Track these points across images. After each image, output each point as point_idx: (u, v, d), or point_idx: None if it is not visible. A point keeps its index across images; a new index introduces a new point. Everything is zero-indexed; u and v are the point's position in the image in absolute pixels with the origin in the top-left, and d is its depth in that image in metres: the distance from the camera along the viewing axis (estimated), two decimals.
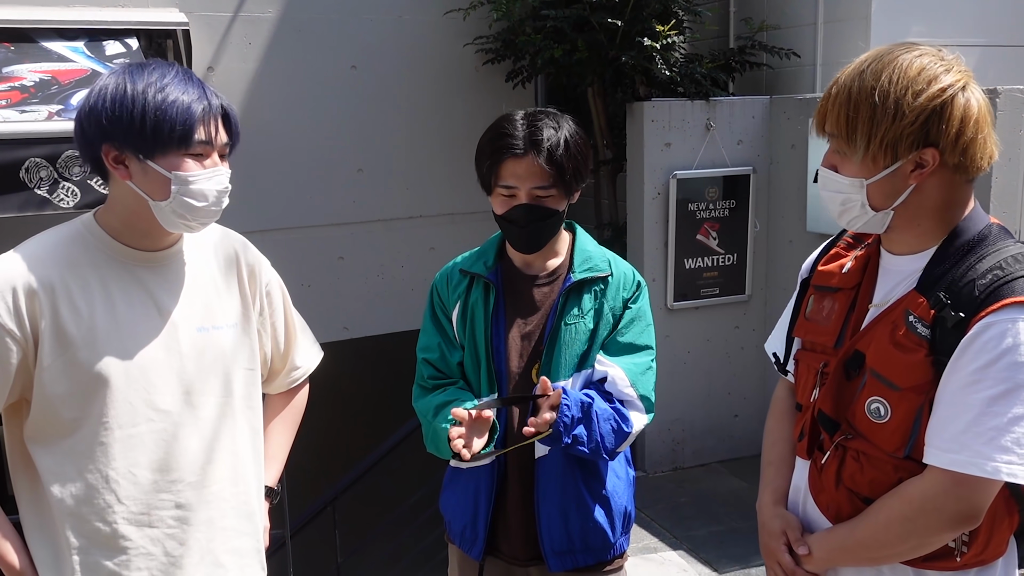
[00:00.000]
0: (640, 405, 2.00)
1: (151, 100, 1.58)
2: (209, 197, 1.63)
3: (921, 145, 1.44)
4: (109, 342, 1.63)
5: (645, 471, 5.15)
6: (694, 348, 5.14)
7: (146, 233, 1.68)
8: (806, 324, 1.72)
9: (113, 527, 1.65)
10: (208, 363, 1.73)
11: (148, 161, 1.60)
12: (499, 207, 2.02)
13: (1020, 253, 1.46)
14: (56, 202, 3.43)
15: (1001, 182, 4.14)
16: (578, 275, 2.04)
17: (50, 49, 4.39)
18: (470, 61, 5.65)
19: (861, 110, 1.46)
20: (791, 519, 1.70)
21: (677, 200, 4.91)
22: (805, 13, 5.28)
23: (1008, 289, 1.40)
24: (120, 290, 1.66)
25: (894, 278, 1.57)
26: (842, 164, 1.53)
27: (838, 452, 1.59)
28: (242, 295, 1.83)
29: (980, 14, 5.17)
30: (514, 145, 1.95)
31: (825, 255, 1.76)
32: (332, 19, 5.40)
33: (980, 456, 1.39)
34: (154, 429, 1.66)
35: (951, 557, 1.52)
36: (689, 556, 4.20)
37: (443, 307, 2.12)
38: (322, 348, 2.11)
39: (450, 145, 5.69)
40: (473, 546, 2.09)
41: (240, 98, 5.25)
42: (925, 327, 1.46)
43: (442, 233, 5.90)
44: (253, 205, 5.33)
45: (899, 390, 1.49)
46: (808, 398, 1.68)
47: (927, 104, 1.43)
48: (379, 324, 5.84)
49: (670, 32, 4.68)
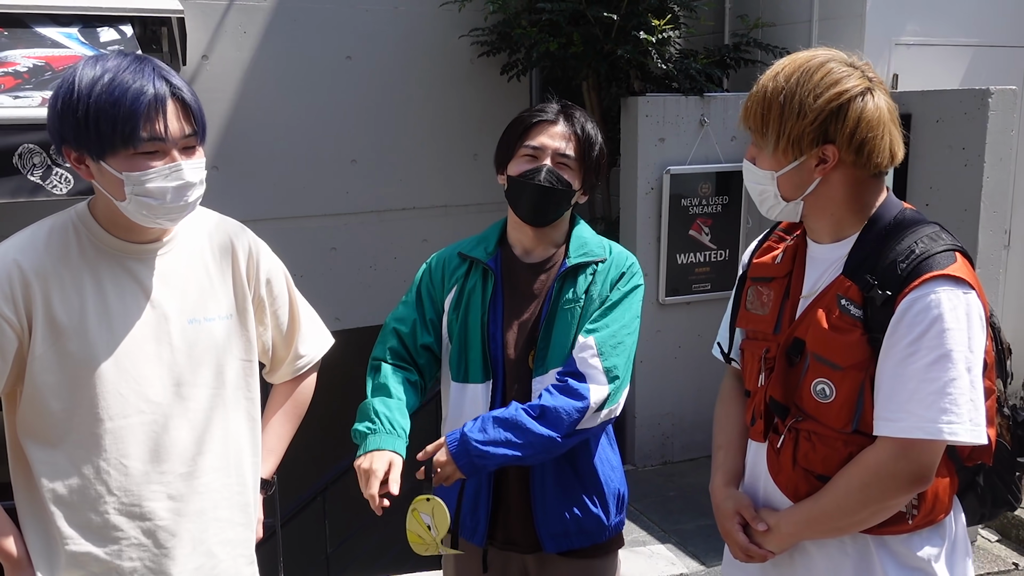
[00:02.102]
0: (602, 378, 1.95)
1: (94, 99, 1.52)
2: (167, 195, 1.57)
3: (821, 142, 1.59)
4: (99, 333, 1.62)
5: (634, 465, 5.18)
6: (685, 343, 5.16)
7: (129, 227, 1.66)
8: (747, 315, 1.84)
9: (104, 517, 1.65)
10: (199, 354, 1.72)
11: (101, 162, 1.56)
12: (517, 168, 2.05)
13: (933, 232, 1.61)
14: (49, 188, 3.42)
15: (992, 181, 4.16)
16: (574, 260, 2.06)
17: (44, 35, 4.37)
18: (465, 53, 5.65)
19: (772, 109, 1.62)
20: (743, 499, 1.80)
21: (670, 195, 4.92)
22: (800, 10, 5.29)
23: (926, 265, 1.54)
24: (111, 281, 1.65)
25: (820, 266, 1.70)
26: (759, 158, 1.69)
27: (791, 435, 1.69)
28: (237, 285, 1.80)
29: (974, 14, 5.19)
30: (548, 112, 2.07)
31: (759, 249, 1.88)
32: (327, 8, 5.39)
33: (924, 420, 1.51)
34: (144, 420, 1.66)
35: (904, 521, 1.63)
36: (677, 549, 4.23)
37: (432, 289, 2.12)
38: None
39: (444, 137, 5.70)
40: (474, 534, 2.11)
41: (234, 87, 5.23)
42: (857, 308, 1.59)
43: (435, 225, 5.90)
44: (246, 195, 5.32)
45: (841, 369, 1.60)
46: (755, 384, 1.78)
47: (825, 105, 1.57)
48: (371, 315, 5.84)
49: (666, 27, 4.69)
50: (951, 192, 4.31)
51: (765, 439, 1.77)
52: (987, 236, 4.24)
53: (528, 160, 2.04)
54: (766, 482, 1.76)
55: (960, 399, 1.50)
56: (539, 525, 2.05)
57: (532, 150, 2.04)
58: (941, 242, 1.58)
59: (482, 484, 2.08)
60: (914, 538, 1.65)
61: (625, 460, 5.24)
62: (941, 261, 1.54)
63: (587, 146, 2.06)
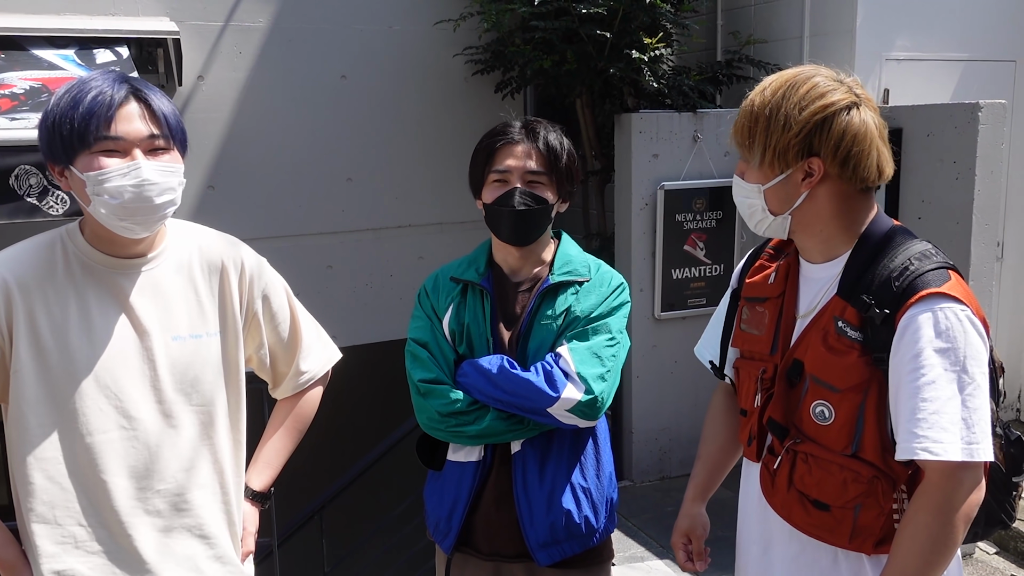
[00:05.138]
0: (579, 383, 1.96)
1: (60, 108, 1.56)
2: (124, 194, 1.56)
3: (806, 155, 1.60)
4: (81, 348, 1.62)
5: (632, 480, 5.17)
6: (681, 358, 5.16)
7: (111, 240, 1.66)
8: (742, 335, 1.83)
9: (88, 532, 1.65)
10: (184, 371, 1.71)
11: (70, 167, 1.59)
12: (491, 195, 2.06)
13: (926, 250, 1.61)
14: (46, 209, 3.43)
15: (984, 194, 4.19)
16: (556, 278, 2.07)
17: (40, 57, 4.39)
18: (460, 71, 5.68)
19: (759, 122, 1.64)
20: (699, 523, 1.93)
21: (664, 211, 4.95)
22: (791, 27, 5.33)
23: (921, 282, 1.54)
24: (95, 298, 1.65)
25: (814, 286, 1.71)
26: (747, 172, 1.70)
27: (789, 456, 1.69)
28: (227, 302, 1.79)
29: (963, 29, 5.24)
30: (510, 133, 2.07)
31: (750, 267, 1.88)
32: (322, 29, 5.42)
33: (913, 439, 1.50)
34: (126, 436, 1.65)
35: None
36: (675, 565, 4.21)
37: (435, 312, 2.13)
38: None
39: (439, 155, 5.72)
40: (445, 539, 2.11)
41: (230, 107, 5.25)
42: (854, 330, 1.59)
43: (431, 242, 5.91)
44: (242, 214, 5.33)
45: (839, 392, 1.60)
46: (752, 403, 1.77)
47: (810, 118, 1.59)
48: (368, 333, 5.84)
49: (658, 45, 4.72)
50: (943, 205, 4.33)
51: (759, 459, 1.76)
52: (979, 248, 4.26)
53: (499, 185, 2.05)
54: (760, 502, 1.76)
55: (950, 418, 1.48)
56: (528, 538, 2.04)
57: (500, 174, 2.05)
58: (933, 260, 1.58)
59: (463, 486, 2.08)
60: None
61: (623, 476, 5.24)
62: (936, 279, 1.54)
63: (553, 157, 2.05)
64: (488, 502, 2.08)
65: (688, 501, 1.91)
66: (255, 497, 1.93)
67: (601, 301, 2.06)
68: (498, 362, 2.00)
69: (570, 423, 1.99)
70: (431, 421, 2.05)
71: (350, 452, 6.14)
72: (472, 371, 2.02)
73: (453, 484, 2.10)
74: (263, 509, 1.96)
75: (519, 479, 2.04)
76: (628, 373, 5.09)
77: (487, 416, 2.00)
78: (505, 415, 2.00)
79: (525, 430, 2.02)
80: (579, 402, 1.96)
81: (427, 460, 2.15)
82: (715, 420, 1.99)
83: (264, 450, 1.95)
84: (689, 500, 1.91)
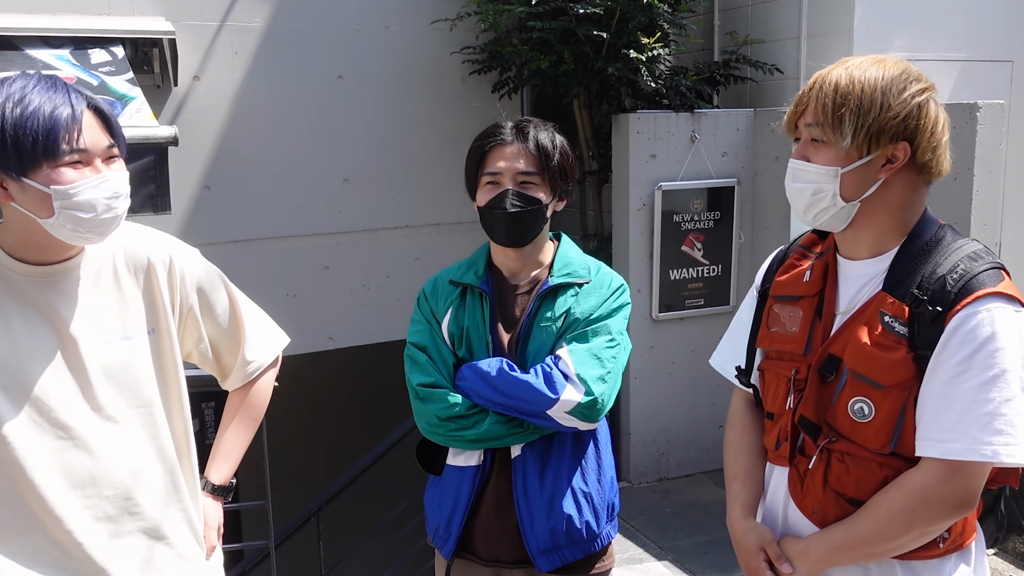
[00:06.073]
0: (579, 384, 1.96)
1: (9, 116, 1.50)
2: (98, 207, 1.54)
3: (899, 138, 1.54)
4: (6, 363, 1.59)
5: (630, 482, 5.16)
6: (679, 359, 5.16)
7: (44, 248, 1.62)
8: (770, 334, 1.76)
9: (37, 545, 1.62)
10: (119, 374, 1.68)
11: (23, 179, 1.52)
12: (484, 198, 2.05)
13: (979, 250, 1.57)
14: None
15: (983, 195, 4.19)
16: (555, 280, 2.06)
17: (35, 57, 4.37)
18: (457, 71, 5.67)
19: (849, 100, 1.54)
20: (765, 533, 1.71)
21: (662, 211, 4.94)
22: (789, 27, 5.33)
23: (977, 282, 1.50)
24: (18, 309, 1.61)
25: (855, 283, 1.64)
26: (817, 154, 1.59)
27: (823, 456, 1.63)
28: (155, 300, 1.75)
29: (961, 29, 5.23)
30: (501, 134, 2.06)
31: (779, 266, 1.81)
32: (319, 29, 5.41)
33: (977, 442, 1.46)
34: (64, 446, 1.62)
35: (935, 545, 1.58)
36: (674, 566, 4.20)
37: (434, 316, 2.13)
38: (306, 358, 2.08)
39: (436, 155, 5.70)
40: (445, 544, 2.10)
41: (226, 107, 5.24)
42: (902, 325, 1.54)
43: (428, 243, 5.90)
44: (238, 215, 5.32)
45: (883, 388, 1.54)
46: (782, 406, 1.71)
47: (910, 100, 1.54)
48: (364, 334, 5.83)
49: (655, 45, 4.72)
50: (941, 205, 4.32)
51: (791, 463, 1.69)
52: None
53: (491, 188, 2.05)
54: (788, 508, 1.70)
55: (1016, 420, 1.45)
56: (528, 543, 2.03)
57: (492, 176, 2.05)
58: (985, 260, 1.54)
59: (463, 491, 2.07)
60: (943, 563, 1.60)
61: (621, 477, 5.23)
62: (990, 279, 1.51)
63: (544, 156, 2.04)
64: (488, 507, 2.07)
65: (739, 520, 1.77)
66: (215, 491, 1.92)
67: (601, 303, 2.05)
68: (497, 365, 1.99)
69: (570, 425, 1.98)
70: (430, 425, 2.04)
71: (346, 452, 6.13)
72: (471, 374, 2.01)
73: (452, 489, 2.09)
74: (226, 502, 1.94)
75: (519, 484, 2.03)
76: (626, 374, 5.05)
77: (486, 420, 1.99)
78: (505, 419, 1.99)
79: (525, 434, 2.00)
80: (579, 404, 1.95)
81: (427, 465, 2.14)
82: (741, 431, 1.88)
83: (221, 443, 1.93)
84: (739, 519, 1.77)
